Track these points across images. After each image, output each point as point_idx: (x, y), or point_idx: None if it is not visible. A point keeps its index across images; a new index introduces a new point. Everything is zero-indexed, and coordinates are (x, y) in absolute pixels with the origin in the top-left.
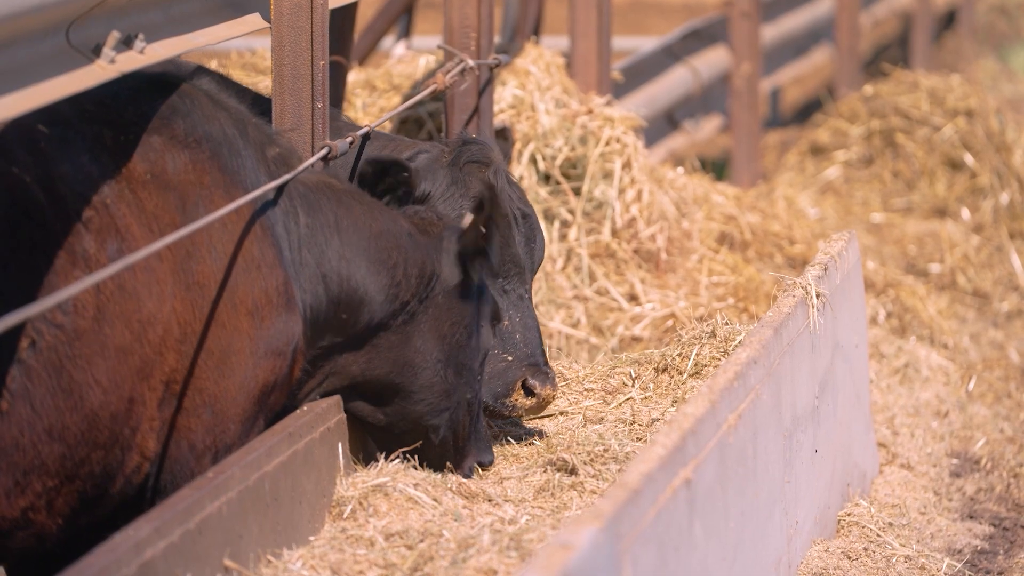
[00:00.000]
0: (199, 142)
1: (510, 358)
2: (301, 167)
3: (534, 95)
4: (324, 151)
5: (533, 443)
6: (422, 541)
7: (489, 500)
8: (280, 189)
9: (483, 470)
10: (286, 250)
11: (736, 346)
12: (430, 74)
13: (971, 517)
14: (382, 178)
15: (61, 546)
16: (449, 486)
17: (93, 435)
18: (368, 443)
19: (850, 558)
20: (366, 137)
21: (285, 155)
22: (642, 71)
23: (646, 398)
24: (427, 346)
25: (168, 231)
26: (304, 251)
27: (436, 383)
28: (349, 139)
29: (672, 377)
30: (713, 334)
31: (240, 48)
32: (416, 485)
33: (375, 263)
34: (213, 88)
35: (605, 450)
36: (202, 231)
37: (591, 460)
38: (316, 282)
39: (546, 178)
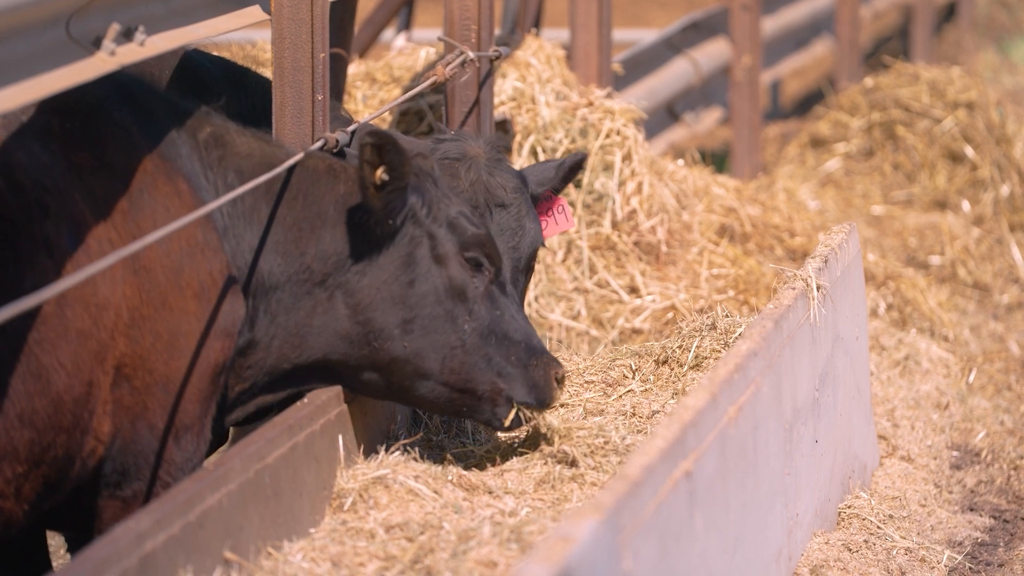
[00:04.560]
0: (141, 128)
1: None
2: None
3: (535, 87)
4: (322, 144)
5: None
6: (423, 533)
7: (489, 492)
8: (211, 175)
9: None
10: (220, 235)
11: (736, 338)
12: (430, 66)
13: (971, 509)
14: None
15: (24, 532)
16: (449, 478)
17: (58, 419)
18: (368, 434)
19: (850, 550)
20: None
21: (218, 133)
22: (642, 63)
23: (646, 390)
24: (369, 314)
25: (117, 217)
26: (223, 241)
27: (396, 349)
28: (348, 131)
29: (672, 369)
30: (713, 326)
31: (241, 40)
32: (416, 477)
33: (283, 255)
34: (153, 72)
35: (605, 442)
36: (147, 217)
37: (591, 452)
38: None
39: None
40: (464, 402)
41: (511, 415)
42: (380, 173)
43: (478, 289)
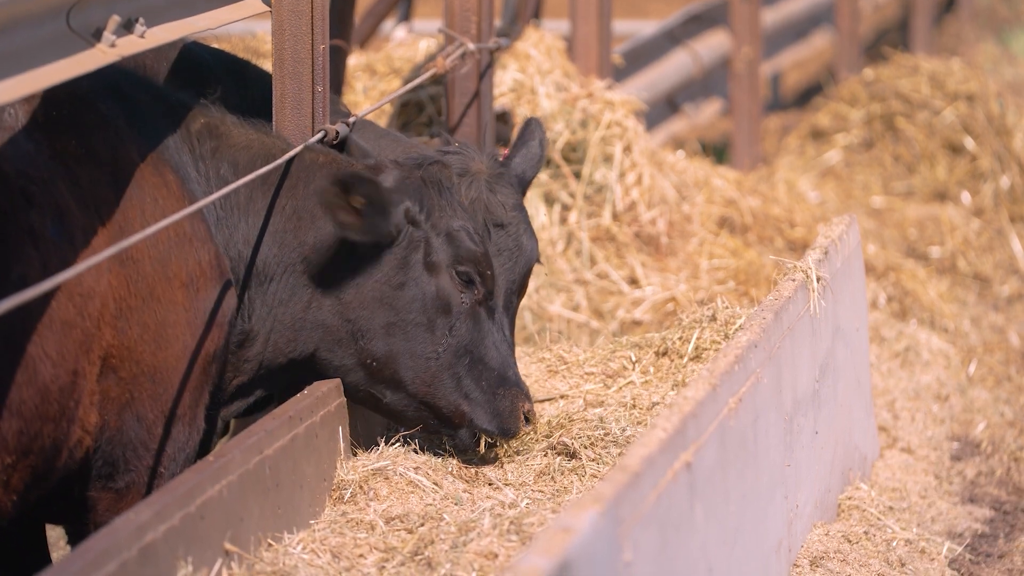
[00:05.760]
0: (127, 120)
1: None
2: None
3: (535, 79)
4: (322, 136)
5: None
6: (423, 525)
7: (489, 484)
8: (198, 163)
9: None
10: (212, 225)
11: (737, 330)
12: (431, 58)
13: (971, 500)
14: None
15: (14, 523)
16: (450, 470)
17: (45, 409)
18: (369, 425)
19: (850, 541)
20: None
21: (213, 124)
22: (643, 55)
23: (647, 382)
24: (359, 312)
25: (103, 206)
26: (216, 231)
27: (378, 351)
28: (347, 122)
29: (673, 361)
30: (714, 318)
31: (241, 32)
32: (417, 469)
33: (280, 245)
34: (151, 64)
35: (605, 434)
36: (134, 206)
37: (591, 444)
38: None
39: (547, 162)
40: (429, 418)
41: (480, 442)
42: (356, 201)
43: (464, 305)
